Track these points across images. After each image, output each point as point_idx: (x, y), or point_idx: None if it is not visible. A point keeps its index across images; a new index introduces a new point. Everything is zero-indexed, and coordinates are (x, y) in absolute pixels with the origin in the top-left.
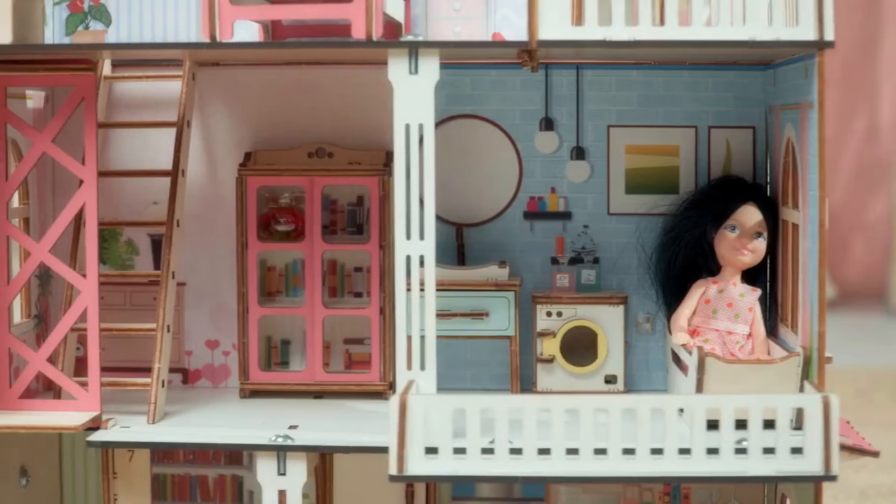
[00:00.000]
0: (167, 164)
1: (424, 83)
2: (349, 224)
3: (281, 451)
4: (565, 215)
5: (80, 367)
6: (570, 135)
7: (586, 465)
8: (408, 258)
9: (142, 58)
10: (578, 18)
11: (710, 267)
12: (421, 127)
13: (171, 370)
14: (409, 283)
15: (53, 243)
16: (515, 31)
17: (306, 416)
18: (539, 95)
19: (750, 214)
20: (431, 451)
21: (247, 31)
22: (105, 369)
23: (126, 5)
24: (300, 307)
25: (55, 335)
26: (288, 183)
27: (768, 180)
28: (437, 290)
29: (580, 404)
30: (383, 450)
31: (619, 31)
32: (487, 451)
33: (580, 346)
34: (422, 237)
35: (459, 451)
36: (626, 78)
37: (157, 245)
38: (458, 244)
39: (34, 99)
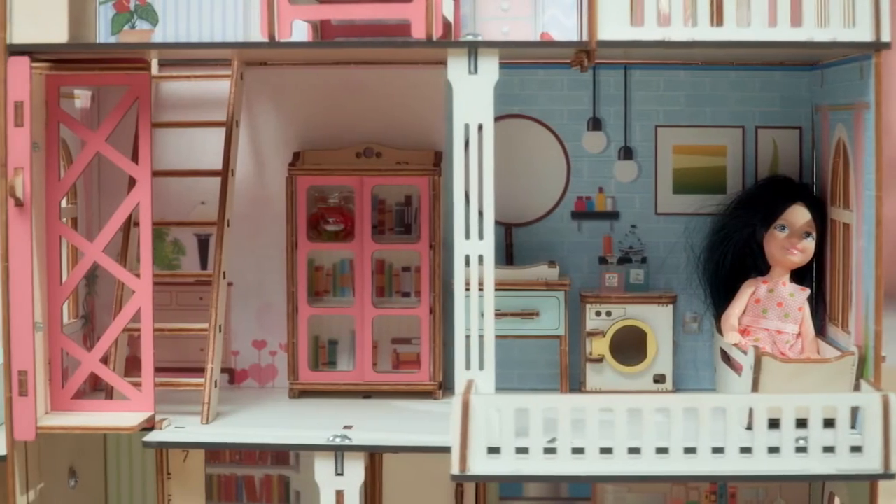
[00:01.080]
0: (212, 164)
1: (484, 83)
2: (397, 224)
3: (339, 452)
4: (613, 215)
5: (127, 367)
6: (618, 134)
7: (648, 465)
8: (466, 258)
9: (191, 57)
10: (637, 19)
11: (758, 266)
12: (480, 127)
13: (221, 370)
14: (467, 283)
15: (107, 243)
16: (564, 31)
17: (359, 416)
18: (587, 95)
19: (799, 214)
20: (493, 450)
21: (294, 30)
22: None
23: (173, 5)
24: (349, 307)
25: (108, 335)
26: (338, 182)
27: (814, 180)
28: None
29: (642, 404)
30: (443, 450)
31: (677, 32)
32: (549, 450)
33: (629, 346)
34: (480, 237)
35: (521, 450)
36: (674, 78)
37: (203, 245)
38: (506, 244)
39: (82, 98)
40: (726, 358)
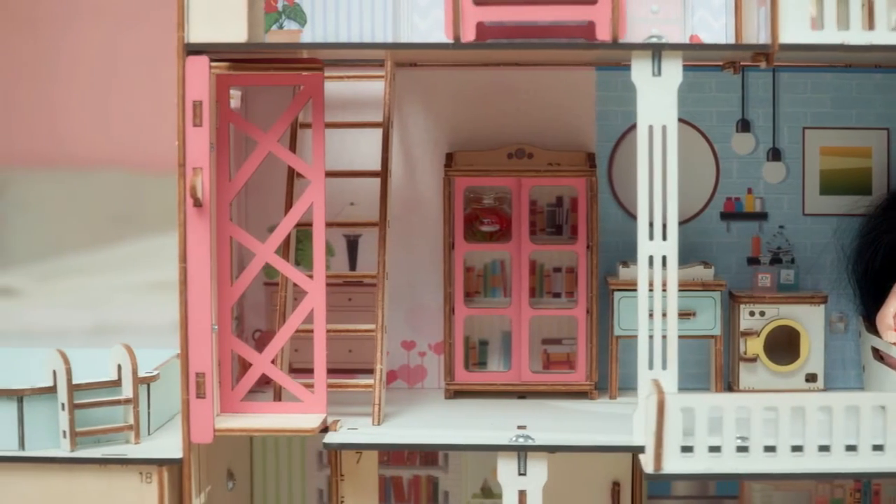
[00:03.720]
0: (360, 165)
1: (667, 85)
2: (549, 224)
3: (521, 452)
4: (761, 216)
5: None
6: (767, 136)
7: (838, 462)
8: (650, 258)
9: (340, 58)
10: (818, 22)
11: None
12: (664, 129)
13: (370, 371)
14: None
15: (279, 244)
16: (712, 34)
17: (524, 417)
18: (735, 97)
19: None
20: (686, 449)
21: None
22: (296, 371)
23: (321, 4)
24: (504, 307)
25: (280, 336)
26: (495, 183)
27: None
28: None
29: (832, 402)
30: (627, 449)
31: (856, 36)
32: (742, 449)
33: (781, 345)
34: (664, 237)
35: (714, 449)
36: (820, 80)
37: (352, 246)
38: None
39: (234, 98)
40: (879, 357)
